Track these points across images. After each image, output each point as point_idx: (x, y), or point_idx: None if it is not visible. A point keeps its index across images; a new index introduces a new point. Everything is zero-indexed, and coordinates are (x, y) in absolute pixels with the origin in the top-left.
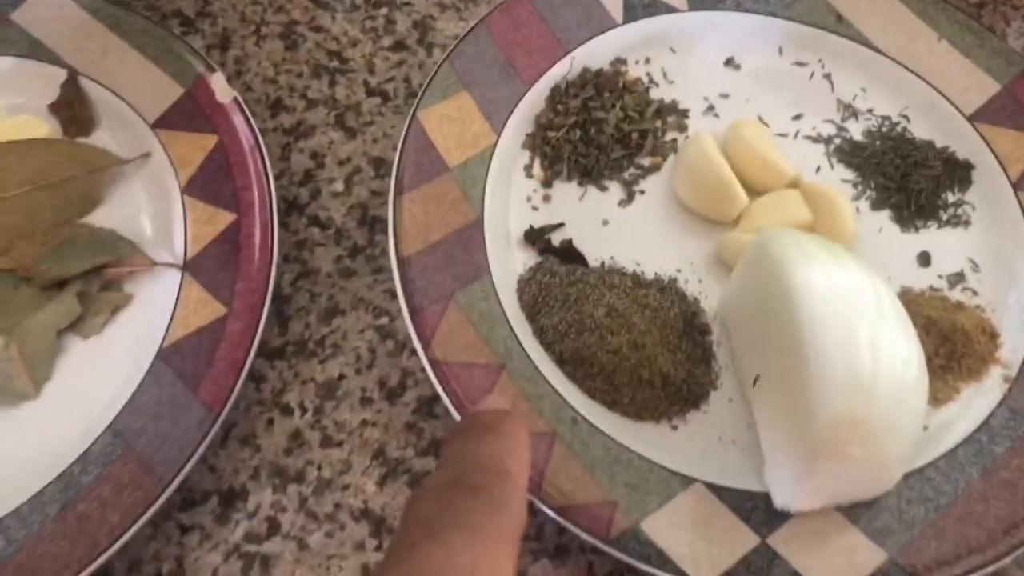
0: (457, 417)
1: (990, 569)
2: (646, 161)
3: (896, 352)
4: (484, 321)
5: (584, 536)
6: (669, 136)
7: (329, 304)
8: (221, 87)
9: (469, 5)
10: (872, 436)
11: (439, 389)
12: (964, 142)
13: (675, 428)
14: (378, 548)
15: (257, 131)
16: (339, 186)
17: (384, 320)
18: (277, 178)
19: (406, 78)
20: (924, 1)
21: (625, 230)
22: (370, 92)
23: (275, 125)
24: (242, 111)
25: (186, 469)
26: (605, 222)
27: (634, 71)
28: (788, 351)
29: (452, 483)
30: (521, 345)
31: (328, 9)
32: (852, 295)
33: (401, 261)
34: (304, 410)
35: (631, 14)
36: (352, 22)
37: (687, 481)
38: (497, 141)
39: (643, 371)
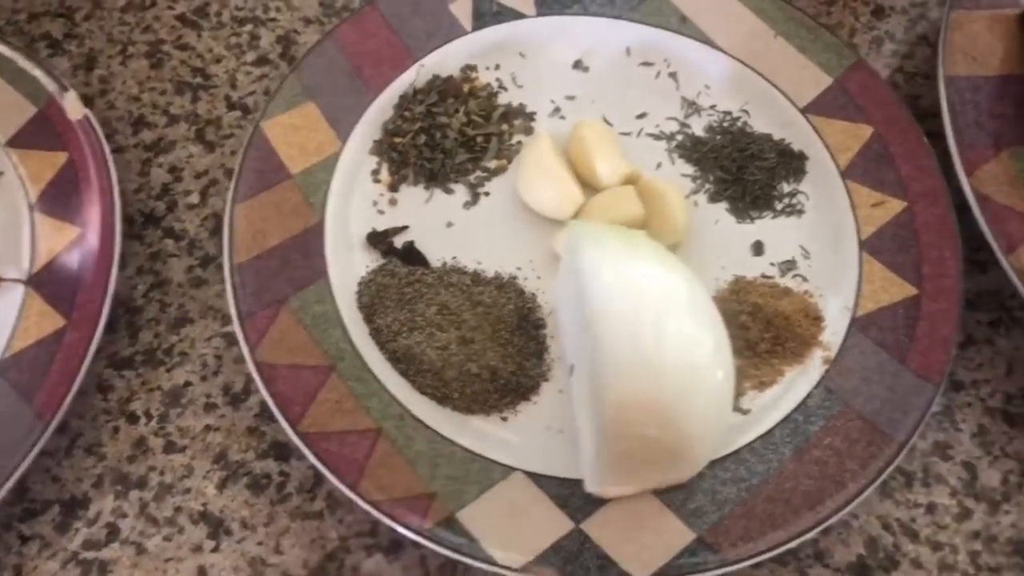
0: (282, 420)
1: (793, 544)
2: (492, 164)
3: (685, 337)
4: (317, 324)
5: (396, 527)
6: (516, 139)
7: (179, 313)
8: (72, 106)
9: (333, 19)
10: (663, 418)
11: (262, 390)
12: (799, 134)
13: (505, 420)
14: (215, 549)
15: (106, 147)
16: (195, 198)
17: (231, 327)
18: (136, 192)
19: (267, 91)
20: (762, 0)
21: (469, 231)
22: (231, 106)
23: (136, 141)
24: (92, 128)
25: (14, 478)
26: (449, 224)
27: (484, 77)
28: (586, 339)
29: None
30: (354, 345)
31: (195, 27)
32: (641, 285)
33: (234, 267)
34: (149, 417)
35: (480, 21)
36: (217, 39)
37: (508, 471)
38: (342, 148)
39: (471, 366)
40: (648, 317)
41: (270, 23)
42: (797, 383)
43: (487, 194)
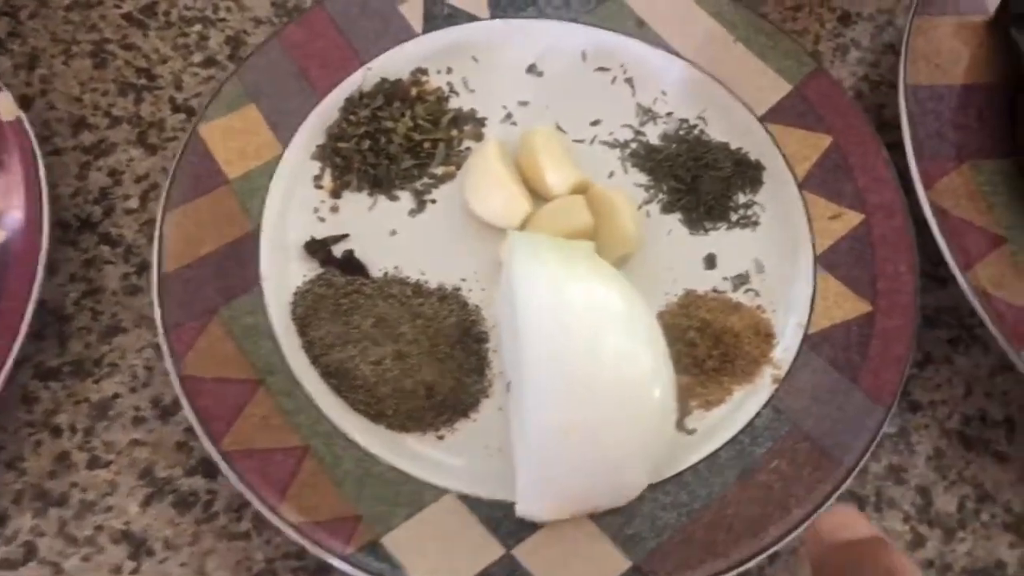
0: (202, 435)
1: (733, 573)
2: (439, 170)
3: (621, 356)
4: (247, 335)
5: (316, 552)
6: (465, 145)
7: (111, 322)
8: (6, 107)
9: (284, 19)
10: (596, 440)
11: (185, 405)
12: (756, 143)
13: (441, 438)
14: (135, 571)
15: (37, 150)
16: (134, 203)
17: None
18: (72, 196)
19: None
20: (720, 4)
21: (413, 239)
22: (176, 108)
23: (76, 144)
24: (24, 130)
25: None
26: (393, 232)
27: (435, 80)
28: (519, 355)
29: None
30: (284, 359)
31: (141, 27)
32: (576, 301)
33: (163, 276)
34: (74, 431)
35: (431, 23)
36: (164, 39)
37: (439, 492)
38: (283, 152)
39: (407, 381)
40: (581, 334)
41: (220, 23)
42: (745, 403)
43: (433, 201)
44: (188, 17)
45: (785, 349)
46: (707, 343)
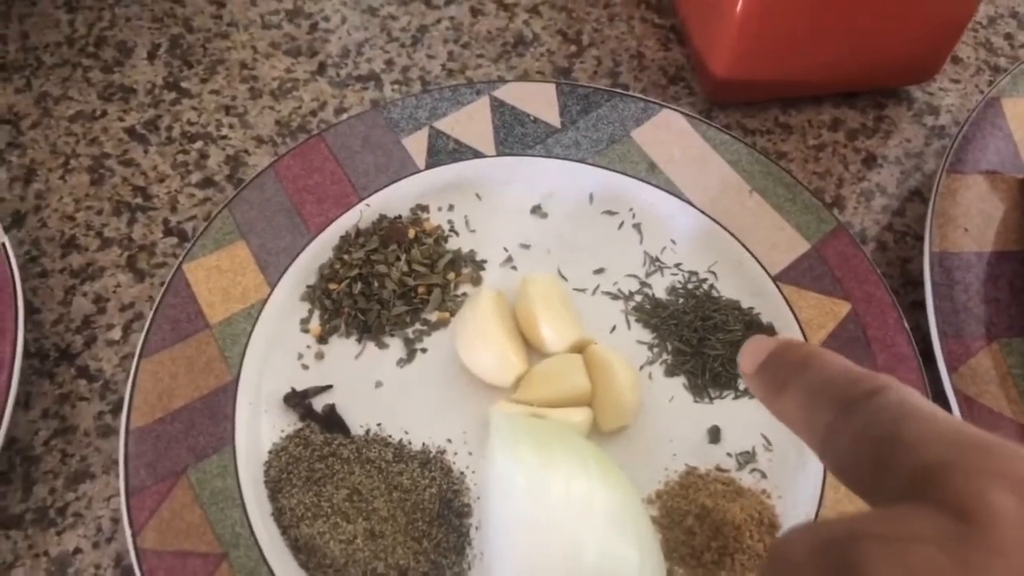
0: None
1: None
2: (433, 316)
3: (603, 568)
4: (215, 501)
5: None
6: (462, 289)
7: (80, 467)
8: None
9: (287, 140)
10: None
11: None
12: (768, 304)
13: None
14: None
15: (18, 280)
16: (116, 334)
17: None
18: (54, 324)
19: (207, 216)
20: (739, 152)
21: (399, 393)
22: (168, 231)
23: (63, 266)
24: (7, 257)
25: None
26: (378, 384)
27: (436, 218)
28: (490, 559)
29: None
30: (252, 530)
31: (142, 142)
32: (556, 506)
33: (131, 433)
34: None
35: (435, 159)
36: (164, 156)
37: None
38: (270, 294)
39: (378, 564)
40: (559, 549)
41: (221, 140)
42: None
43: (424, 351)
44: (191, 133)
45: None
46: (706, 533)
